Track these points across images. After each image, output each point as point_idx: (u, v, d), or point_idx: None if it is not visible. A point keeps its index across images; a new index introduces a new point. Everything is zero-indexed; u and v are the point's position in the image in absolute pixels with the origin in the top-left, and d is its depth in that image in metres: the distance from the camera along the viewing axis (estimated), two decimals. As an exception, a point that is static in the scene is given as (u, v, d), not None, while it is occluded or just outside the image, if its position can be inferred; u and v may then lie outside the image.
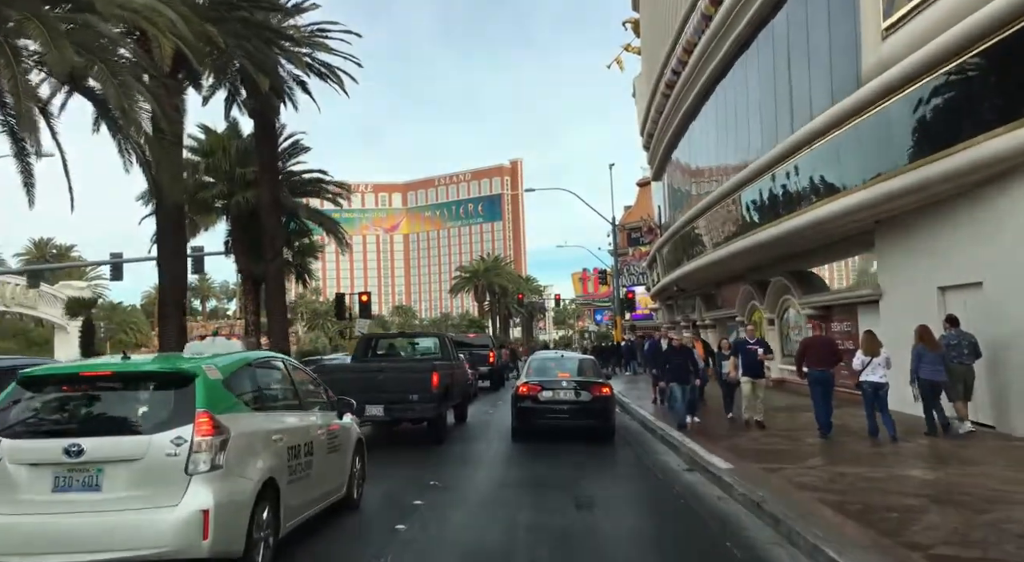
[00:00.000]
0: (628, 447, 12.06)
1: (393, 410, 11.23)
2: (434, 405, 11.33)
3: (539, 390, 12.22)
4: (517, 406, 12.34)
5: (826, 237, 16.39)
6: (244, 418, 5.03)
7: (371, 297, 31.81)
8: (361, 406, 10.97)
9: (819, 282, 19.41)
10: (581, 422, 12.22)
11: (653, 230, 39.35)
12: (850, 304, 16.71)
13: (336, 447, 6.66)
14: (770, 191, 17.84)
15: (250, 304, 26.09)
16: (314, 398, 6.79)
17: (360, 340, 14.34)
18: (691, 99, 24.94)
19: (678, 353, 12.89)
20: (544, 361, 13.89)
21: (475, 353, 26.10)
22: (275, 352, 7.43)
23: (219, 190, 25.08)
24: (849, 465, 8.77)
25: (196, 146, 25.43)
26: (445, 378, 12.26)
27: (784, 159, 16.52)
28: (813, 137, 14.86)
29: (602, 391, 12.22)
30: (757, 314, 24.30)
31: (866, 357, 11.26)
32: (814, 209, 14.89)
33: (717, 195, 22.12)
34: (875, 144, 12.59)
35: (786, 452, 10.09)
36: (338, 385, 11.25)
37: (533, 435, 12.59)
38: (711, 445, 10.66)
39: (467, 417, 15.82)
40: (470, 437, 13.35)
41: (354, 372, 11.85)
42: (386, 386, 11.31)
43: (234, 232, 26.13)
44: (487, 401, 21.81)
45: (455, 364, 13.98)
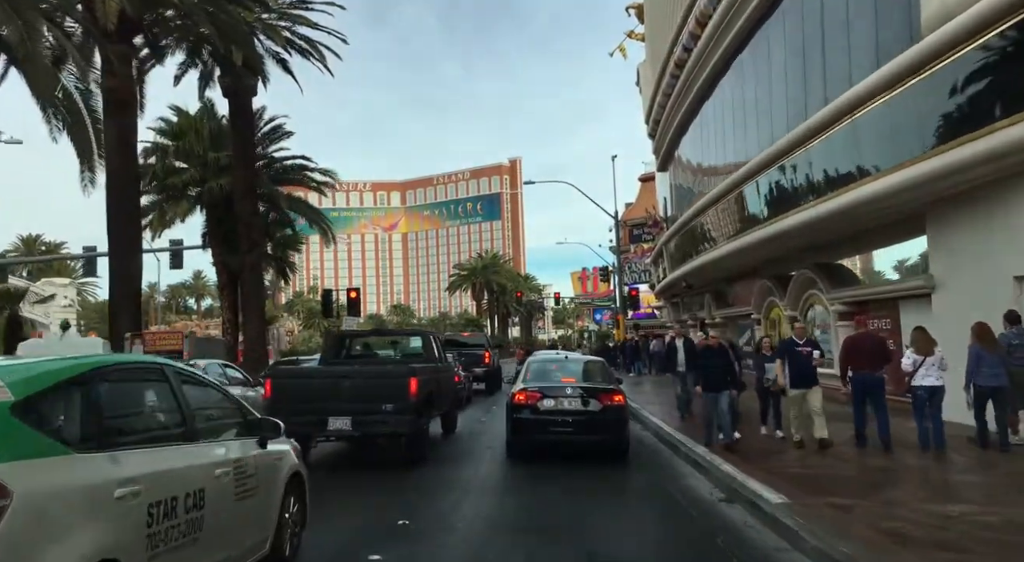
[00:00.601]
0: (646, 468, 10.07)
1: (362, 423, 9.24)
2: (412, 417, 9.35)
3: (539, 398, 10.23)
4: (513, 417, 10.35)
5: (864, 223, 14.42)
6: (54, 467, 3.06)
7: (360, 293, 29.86)
8: (322, 418, 9.02)
9: (849, 275, 17.45)
10: (589, 437, 10.22)
11: (658, 223, 37.39)
12: (891, 298, 14.74)
13: (252, 489, 4.68)
14: (798, 173, 15.86)
15: (227, 300, 24.08)
16: (219, 422, 4.83)
17: (328, 338, 12.29)
18: (704, 77, 22.96)
19: (715, 354, 10.66)
20: (545, 363, 11.89)
21: (469, 353, 24.18)
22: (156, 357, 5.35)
23: (191, 176, 23.05)
24: (947, 500, 6.78)
25: (165, 128, 23.39)
26: (427, 384, 10.28)
27: (816, 135, 14.54)
28: (855, 106, 12.88)
29: (614, 400, 10.23)
30: (776, 311, 22.33)
31: (918, 357, 9.61)
32: (856, 189, 12.91)
33: (733, 181, 20.14)
34: (941, 106, 10.60)
35: (847, 479, 8.11)
36: (294, 393, 9.33)
37: (532, 451, 10.63)
38: (749, 468, 8.69)
39: (456, 427, 13.84)
40: (458, 454, 11.36)
41: (315, 377, 9.84)
42: (354, 394, 9.33)
43: (209, 222, 24.15)
44: (481, 406, 19.83)
45: (441, 367, 11.99)
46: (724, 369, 10.44)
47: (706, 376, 10.55)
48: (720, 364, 10.45)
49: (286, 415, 9.31)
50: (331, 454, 11.11)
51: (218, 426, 4.77)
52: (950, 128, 10.36)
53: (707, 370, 10.57)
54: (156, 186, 22.98)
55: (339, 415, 9.22)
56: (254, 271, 21.57)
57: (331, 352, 11.83)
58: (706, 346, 11.02)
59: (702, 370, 10.69)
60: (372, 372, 9.73)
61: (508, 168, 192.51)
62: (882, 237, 14.91)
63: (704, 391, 10.55)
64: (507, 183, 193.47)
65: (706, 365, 10.66)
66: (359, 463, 10.76)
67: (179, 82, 22.84)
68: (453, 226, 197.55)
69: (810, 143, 14.93)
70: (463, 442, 12.70)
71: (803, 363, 10.12)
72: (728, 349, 10.91)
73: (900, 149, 11.64)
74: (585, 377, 11.20)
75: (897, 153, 11.73)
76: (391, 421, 9.24)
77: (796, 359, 10.20)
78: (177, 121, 23.47)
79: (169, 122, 23.37)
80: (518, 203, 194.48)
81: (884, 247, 15.28)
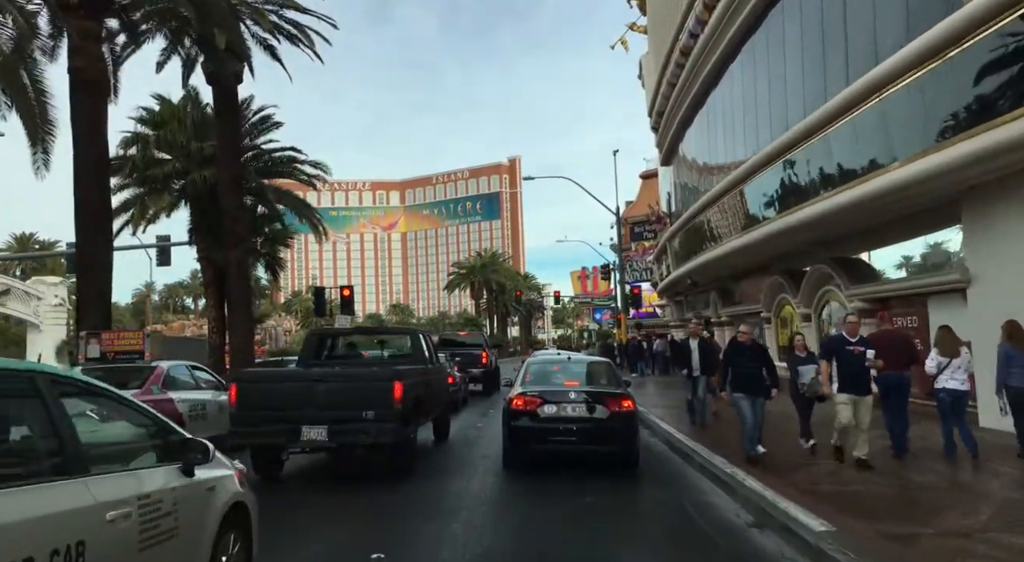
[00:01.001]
0: (659, 482, 9.02)
1: (340, 433, 8.18)
2: (396, 425, 8.29)
3: (539, 404, 9.17)
4: (510, 425, 9.30)
5: (890, 213, 13.37)
6: None
7: (353, 291, 28.81)
8: (294, 427, 7.96)
9: (868, 269, 16.41)
10: (595, 448, 9.17)
11: (662, 219, 36.32)
12: (918, 294, 13.69)
13: (168, 531, 3.61)
14: (816, 160, 14.81)
15: (212, 297, 22.99)
16: (124, 446, 3.78)
17: (308, 337, 11.21)
18: (711, 64, 21.87)
19: (749, 353, 9.29)
20: (545, 365, 10.82)
21: (466, 353, 23.15)
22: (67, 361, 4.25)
23: (173, 167, 21.96)
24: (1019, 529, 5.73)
25: (145, 116, 22.28)
26: (414, 388, 9.22)
27: (838, 118, 13.47)
28: (883, 84, 11.80)
29: (623, 406, 9.17)
30: (788, 309, 21.29)
31: (943, 358, 8.90)
32: (884, 175, 11.85)
33: (743, 172, 19.06)
34: (986, 79, 9.53)
35: (894, 499, 7.05)
36: (262, 399, 8.27)
37: (531, 462, 9.59)
38: (780, 483, 7.65)
39: (450, 433, 12.78)
40: (449, 464, 10.29)
41: (286, 381, 8.77)
42: (331, 400, 8.27)
43: (193, 216, 23.07)
44: (478, 409, 18.77)
45: (432, 369, 10.92)
46: (759, 372, 9.09)
47: (738, 378, 9.15)
48: (755, 364, 9.12)
49: (254, 424, 8.33)
50: (306, 467, 10.03)
51: (122, 451, 3.71)
52: (998, 102, 9.30)
53: (740, 371, 9.16)
54: (137, 178, 21.89)
55: (313, 424, 8.15)
56: (241, 267, 20.50)
57: (310, 353, 10.72)
58: (736, 344, 9.57)
59: (733, 371, 9.25)
60: (351, 375, 8.65)
61: (507, 167, 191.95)
62: (908, 228, 13.87)
63: (737, 394, 9.14)
64: (506, 182, 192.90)
65: (737, 364, 9.23)
66: (337, 477, 9.70)
67: (162, 69, 21.76)
68: (452, 225, 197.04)
69: (830, 127, 13.85)
70: (456, 450, 11.64)
71: (855, 365, 8.45)
72: (766, 349, 9.70)
73: (935, 130, 10.58)
74: (590, 380, 10.15)
75: (931, 134, 10.68)
76: (372, 430, 8.17)
77: (846, 360, 8.52)
78: (159, 110, 22.38)
79: (150, 111, 22.26)
80: (517, 202, 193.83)
81: (913, 238, 14.20)
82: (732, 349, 9.60)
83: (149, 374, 9.49)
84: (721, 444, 10.63)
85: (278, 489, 8.76)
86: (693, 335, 12.93)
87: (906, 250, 14.47)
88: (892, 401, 9.10)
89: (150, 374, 9.49)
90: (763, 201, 18.27)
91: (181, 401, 9.72)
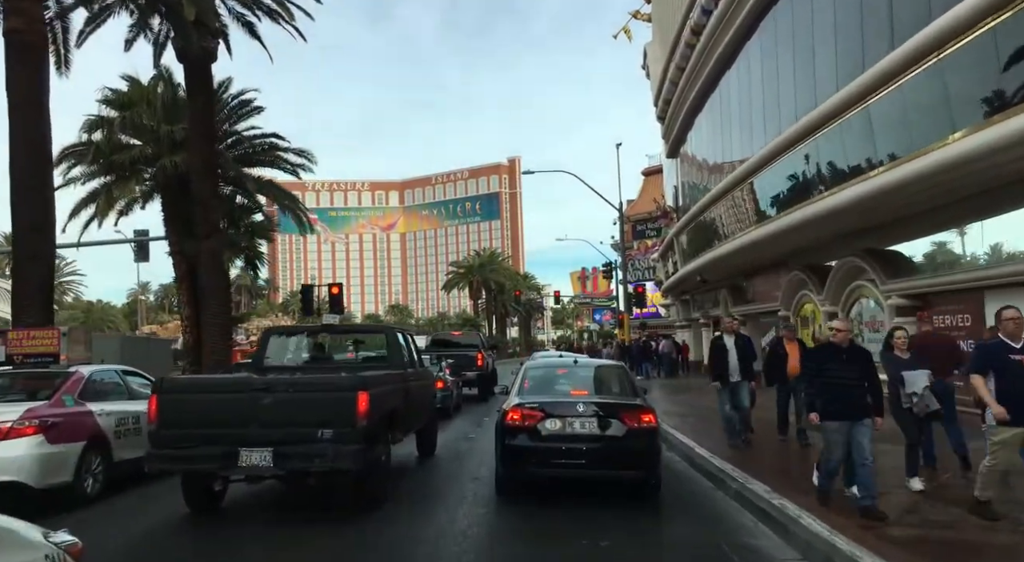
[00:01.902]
0: (688, 515, 7.30)
1: (288, 457, 6.45)
2: (360, 447, 6.57)
3: (540, 418, 7.45)
4: (505, 444, 7.58)
5: (944, 196, 11.67)
6: None
7: (343, 289, 27.12)
8: (230, 450, 6.26)
9: (907, 262, 14.71)
10: (608, 472, 7.46)
11: (668, 214, 34.63)
12: (973, 289, 11.99)
13: None
14: (852, 139, 13.14)
15: (185, 294, 21.25)
16: None
17: (263, 338, 9.41)
18: (726, 42, 20.17)
19: (851, 360, 6.52)
20: (547, 370, 9.12)
21: (460, 354, 21.43)
22: None
23: (140, 152, 20.23)
24: None
25: (111, 97, 20.52)
26: (387, 399, 7.52)
27: (881, 87, 11.79)
28: (942, 43, 10.12)
29: (643, 421, 7.45)
30: (809, 306, 19.60)
31: None
32: (940, 150, 10.17)
33: (764, 156, 17.36)
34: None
35: (1006, 550, 5.35)
36: (190, 414, 6.55)
37: (530, 487, 7.89)
38: (847, 524, 5.94)
39: (436, 447, 11.06)
40: (431, 488, 8.55)
41: (221, 391, 7.04)
42: (278, 415, 6.55)
43: (165, 205, 21.33)
44: (472, 416, 17.04)
45: (412, 374, 9.18)
46: (861, 383, 6.46)
47: (832, 394, 6.42)
48: (854, 375, 6.46)
49: (177, 446, 6.60)
50: (249, 494, 8.18)
51: None
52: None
53: (834, 384, 6.45)
54: (102, 164, 20.16)
55: (255, 445, 6.43)
56: (214, 259, 18.77)
57: (263, 356, 8.95)
58: (828, 347, 6.85)
59: (823, 385, 6.53)
60: (304, 383, 6.90)
61: (507, 167, 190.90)
62: (969, 212, 12.10)
63: (828, 419, 6.43)
64: (506, 183, 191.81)
65: (829, 374, 6.49)
66: (291, 507, 7.95)
67: (130, 47, 20.06)
68: (452, 226, 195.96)
69: (872, 98, 12.17)
70: (442, 469, 9.93)
71: (1021, 381, 5.80)
72: (869, 353, 6.98)
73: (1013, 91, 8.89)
74: (601, 388, 8.45)
75: (1006, 97, 8.99)
76: (330, 453, 6.45)
77: (1012, 374, 5.83)
78: (127, 91, 20.66)
79: (117, 92, 20.53)
80: (517, 203, 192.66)
81: (972, 222, 12.43)
82: (822, 353, 6.90)
83: (63, 382, 7.77)
84: (754, 461, 8.95)
85: (208, 524, 7.07)
86: (729, 331, 10.61)
87: (970, 237, 12.75)
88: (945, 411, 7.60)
89: (64, 382, 7.77)
90: (786, 188, 16.59)
91: (104, 414, 8.01)
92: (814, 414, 6.59)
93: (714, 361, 10.38)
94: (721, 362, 10.24)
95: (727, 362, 10.20)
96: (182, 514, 7.21)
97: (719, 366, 10.26)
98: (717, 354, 10.36)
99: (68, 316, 79.37)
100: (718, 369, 10.28)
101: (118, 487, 8.19)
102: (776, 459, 9.75)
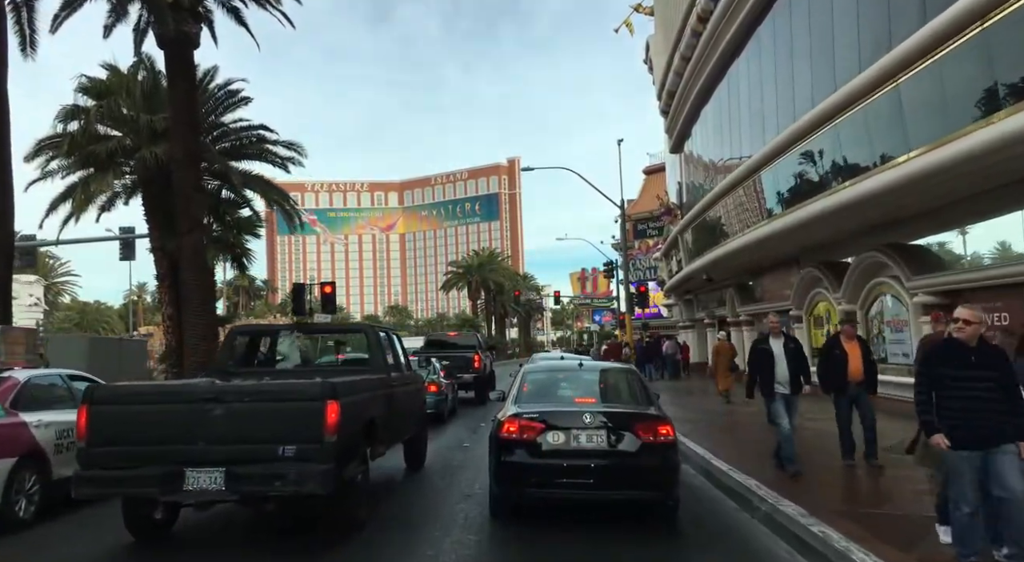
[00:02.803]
0: (711, 542, 6.30)
1: (243, 479, 5.43)
2: (329, 467, 5.55)
3: (541, 430, 6.44)
4: (501, 460, 6.57)
5: (984, 182, 10.67)
6: None
7: (335, 288, 26.12)
8: (174, 470, 5.28)
9: (934, 258, 13.71)
10: (619, 493, 6.45)
11: (672, 211, 33.61)
12: (1013, 285, 10.99)
13: None
14: (879, 122, 12.14)
15: (166, 293, 20.20)
16: None
17: (227, 339, 8.31)
18: (735, 28, 19.18)
19: (984, 363, 4.82)
20: (548, 374, 8.08)
21: (457, 356, 20.45)
22: None
23: (118, 143, 19.16)
24: None
25: (88, 85, 19.45)
26: (364, 408, 6.51)
27: (913, 64, 10.78)
28: (987, 10, 9.13)
29: (659, 434, 6.44)
30: (824, 305, 18.60)
31: None
32: (988, 128, 9.18)
33: (779, 144, 16.35)
34: None
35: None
36: (127, 428, 5.54)
37: (528, 508, 6.89)
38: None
39: (426, 458, 10.05)
40: (416, 512, 7.49)
41: (164, 401, 5.90)
42: (231, 429, 5.54)
43: (146, 200, 20.28)
44: (467, 421, 16.02)
45: (397, 379, 8.15)
46: (997, 395, 4.76)
47: (959, 412, 4.77)
48: (991, 384, 4.76)
49: (112, 466, 5.59)
50: (206, 517, 6.96)
51: None
52: None
53: (956, 397, 4.80)
54: (79, 157, 19.10)
55: (204, 465, 5.42)
56: (195, 255, 17.75)
57: (228, 359, 7.88)
58: (947, 342, 5.09)
59: (948, 398, 4.85)
60: (262, 391, 5.87)
61: (506, 168, 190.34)
62: (997, 203, 11.13)
63: (960, 446, 4.73)
64: (505, 183, 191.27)
65: (958, 387, 4.81)
66: (247, 533, 6.92)
67: (110, 33, 18.99)
68: (451, 226, 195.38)
69: (899, 78, 11.16)
70: (431, 484, 8.90)
71: None
72: (1002, 350, 5.10)
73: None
74: (610, 395, 7.44)
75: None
76: (292, 474, 5.44)
77: None
78: (106, 79, 19.62)
79: (94, 80, 19.48)
80: (516, 204, 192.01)
81: (1001, 215, 11.43)
82: (941, 354, 5.03)
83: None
84: (786, 477, 7.93)
85: (157, 553, 6.06)
86: (774, 333, 8.58)
87: (1001, 232, 11.75)
88: None
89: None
90: (802, 180, 15.58)
91: (43, 426, 7.00)
92: (939, 437, 4.75)
93: (759, 371, 8.36)
94: (768, 372, 8.26)
95: (774, 370, 8.23)
96: (127, 542, 6.20)
97: (766, 377, 8.26)
98: (762, 361, 8.34)
99: (63, 317, 78.34)
100: (765, 381, 8.27)
101: (57, 509, 7.16)
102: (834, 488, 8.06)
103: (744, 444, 11.30)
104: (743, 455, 9.75)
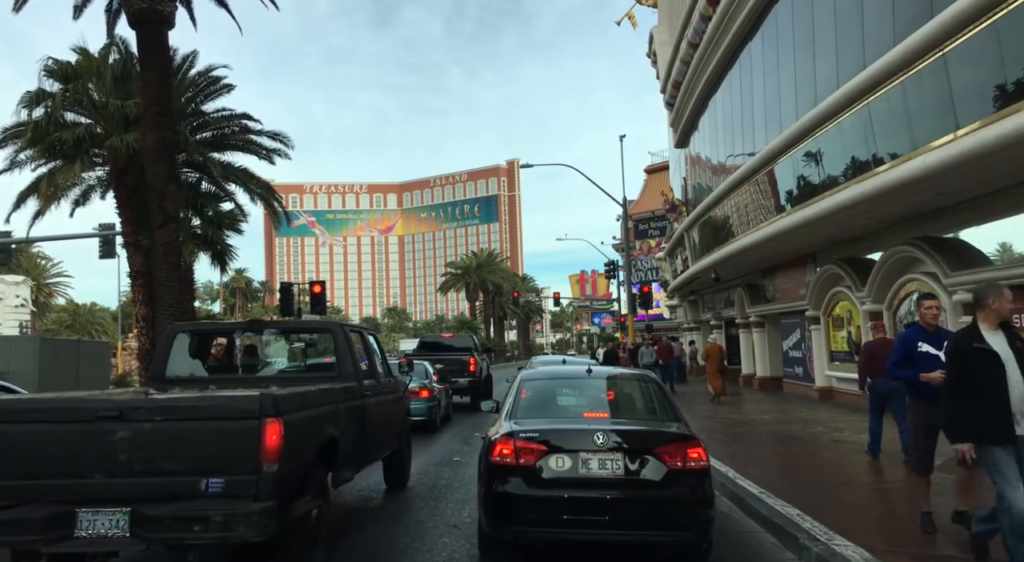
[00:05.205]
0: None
1: (154, 523, 4.14)
2: (268, 504, 4.25)
3: (542, 453, 5.15)
4: (493, 491, 5.26)
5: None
6: None
7: (325, 287, 24.83)
8: (61, 512, 3.96)
9: (975, 252, 12.44)
10: (639, 533, 5.15)
11: (677, 208, 32.32)
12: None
13: None
14: (918, 98, 10.87)
15: (140, 292, 18.91)
16: None
17: (166, 339, 6.92)
18: (750, 8, 17.90)
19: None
20: (550, 382, 6.77)
21: (451, 359, 19.22)
22: None
23: (87, 130, 17.86)
24: None
25: (53, 68, 18.11)
26: (318, 427, 5.21)
27: (960, 32, 9.52)
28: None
29: (688, 458, 5.14)
30: (845, 305, 17.30)
31: None
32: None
33: (799, 130, 15.07)
34: None
35: None
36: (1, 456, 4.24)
37: (527, 545, 5.61)
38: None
39: (408, 478, 8.76)
40: (388, 550, 6.19)
41: (51, 420, 4.38)
42: (139, 455, 4.26)
43: (118, 192, 18.97)
44: (461, 431, 14.72)
45: (370, 388, 6.85)
46: None
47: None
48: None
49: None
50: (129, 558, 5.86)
51: None
52: None
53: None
54: (43, 146, 17.78)
55: (103, 504, 4.14)
56: (169, 251, 16.44)
57: (164, 365, 6.52)
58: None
59: None
60: (180, 407, 4.55)
61: (506, 170, 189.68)
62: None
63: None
64: (504, 185, 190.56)
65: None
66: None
67: (80, 14, 17.88)
68: (450, 228, 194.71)
69: (946, 47, 9.88)
70: (412, 510, 7.57)
71: None
72: None
73: None
74: (624, 408, 6.16)
75: None
76: (218, 515, 4.14)
77: None
78: (75, 63, 18.31)
79: (61, 62, 18.17)
80: (516, 205, 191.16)
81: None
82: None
83: None
84: (829, 500, 6.64)
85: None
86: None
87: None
88: None
89: None
90: (825, 169, 14.30)
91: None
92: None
93: (968, 391, 4.74)
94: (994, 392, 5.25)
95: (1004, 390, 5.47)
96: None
97: (987, 401, 4.81)
98: (981, 372, 4.75)
99: (55, 319, 76.88)
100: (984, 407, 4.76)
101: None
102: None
103: (769, 458, 10.05)
104: (773, 473, 8.50)
